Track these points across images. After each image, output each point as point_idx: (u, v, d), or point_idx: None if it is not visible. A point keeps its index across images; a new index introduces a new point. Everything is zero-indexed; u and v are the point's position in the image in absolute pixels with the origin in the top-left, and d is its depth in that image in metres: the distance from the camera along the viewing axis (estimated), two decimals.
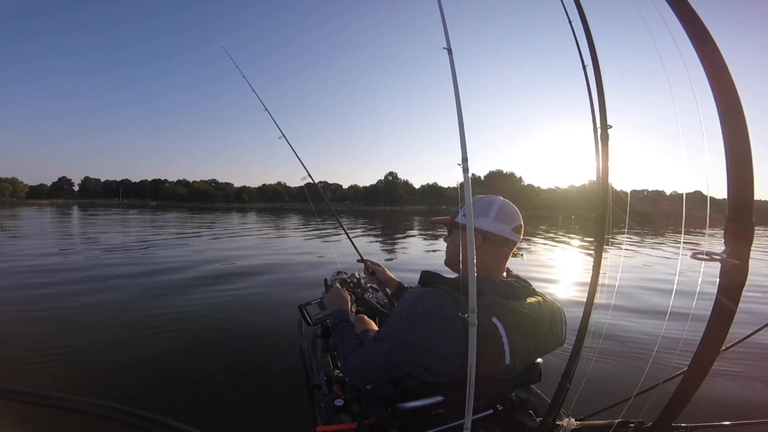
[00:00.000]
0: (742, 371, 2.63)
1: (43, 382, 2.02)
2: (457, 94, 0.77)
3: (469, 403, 0.68)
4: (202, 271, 5.35)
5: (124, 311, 3.35)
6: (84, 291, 4.05)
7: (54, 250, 7.29)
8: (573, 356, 0.94)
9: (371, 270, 1.64)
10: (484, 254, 1.02)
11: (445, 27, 0.85)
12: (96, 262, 6.09)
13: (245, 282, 4.71)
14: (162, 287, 4.28)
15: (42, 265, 5.58)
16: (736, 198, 0.52)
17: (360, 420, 1.08)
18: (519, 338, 0.91)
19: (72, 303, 3.57)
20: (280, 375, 2.20)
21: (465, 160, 0.73)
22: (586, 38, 0.89)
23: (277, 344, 2.66)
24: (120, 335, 2.73)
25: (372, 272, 1.63)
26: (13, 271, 5.13)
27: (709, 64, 0.50)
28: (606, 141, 0.86)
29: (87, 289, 4.12)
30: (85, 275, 4.89)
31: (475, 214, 1.02)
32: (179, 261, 6.24)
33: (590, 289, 0.91)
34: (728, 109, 0.50)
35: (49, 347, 2.46)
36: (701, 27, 0.51)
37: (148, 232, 12.20)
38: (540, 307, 1.01)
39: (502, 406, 1.09)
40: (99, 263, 5.93)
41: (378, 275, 1.62)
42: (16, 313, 3.25)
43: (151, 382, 2.07)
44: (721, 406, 2.11)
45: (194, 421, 1.72)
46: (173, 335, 2.76)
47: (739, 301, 0.53)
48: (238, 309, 3.52)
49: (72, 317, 3.13)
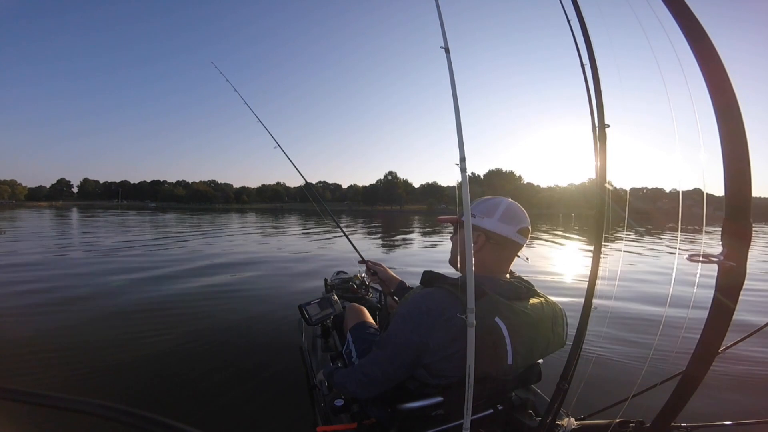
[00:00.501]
0: (741, 371, 2.63)
1: (42, 382, 2.03)
2: (454, 93, 0.77)
3: (468, 403, 0.68)
4: (200, 272, 5.36)
5: (123, 311, 3.36)
6: (82, 292, 4.06)
7: (51, 251, 7.30)
8: (572, 356, 0.94)
9: (373, 270, 1.65)
10: (487, 254, 1.02)
11: (443, 26, 0.85)
12: (94, 261, 6.10)
13: (245, 281, 4.72)
14: (161, 285, 4.29)
15: (38, 265, 5.59)
16: (733, 199, 0.52)
17: (360, 420, 1.08)
18: (521, 339, 0.91)
19: (70, 303, 3.57)
20: (280, 375, 2.21)
21: (463, 160, 0.73)
22: (584, 37, 0.89)
23: (277, 344, 2.66)
24: (119, 335, 2.74)
25: (374, 272, 1.65)
26: (8, 271, 5.14)
27: (705, 63, 0.50)
28: (604, 140, 0.86)
29: (85, 290, 4.13)
30: (81, 274, 4.90)
31: (482, 214, 1.03)
32: (176, 261, 6.25)
33: (588, 289, 0.91)
34: (725, 108, 0.50)
35: (46, 347, 2.47)
36: (697, 26, 0.51)
37: (147, 234, 12.21)
38: (542, 308, 1.01)
39: (501, 405, 1.09)
40: (97, 263, 5.94)
41: (380, 274, 1.64)
42: (15, 314, 3.25)
43: (151, 382, 2.08)
44: (721, 406, 2.10)
45: (194, 421, 1.73)
46: (172, 335, 2.76)
47: (737, 301, 0.53)
48: (238, 309, 3.52)
49: (71, 317, 3.13)
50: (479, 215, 1.03)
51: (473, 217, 1.02)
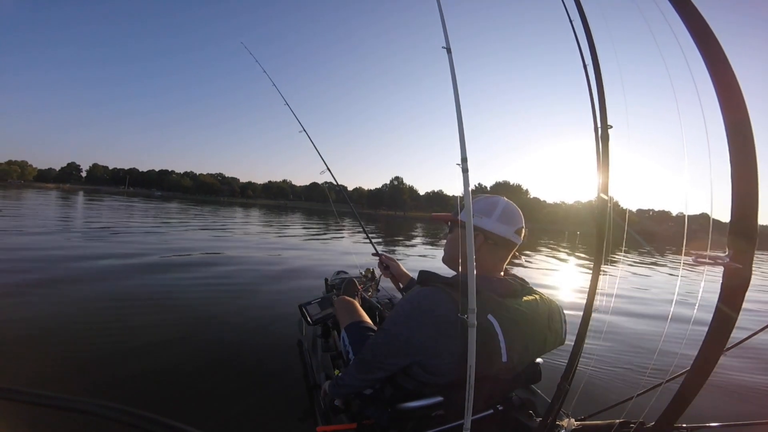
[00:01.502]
0: (743, 372, 2.63)
1: (41, 382, 2.02)
2: (456, 94, 0.77)
3: (469, 403, 0.68)
4: (199, 266, 5.34)
5: (119, 305, 3.34)
6: (75, 279, 4.03)
7: (45, 234, 7.14)
8: (573, 357, 0.94)
9: (386, 264, 1.64)
10: (485, 254, 1.01)
11: (444, 26, 0.85)
12: (83, 245, 5.98)
13: (244, 282, 4.71)
14: (160, 283, 4.27)
15: (26, 248, 5.47)
16: (740, 202, 0.51)
17: (360, 420, 1.08)
18: (515, 336, 0.90)
19: (68, 294, 3.56)
20: (280, 374, 2.21)
21: (464, 160, 0.73)
22: (587, 37, 0.89)
23: (277, 343, 2.66)
24: (117, 332, 2.73)
25: (386, 266, 1.64)
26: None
27: (716, 73, 0.50)
28: (606, 141, 0.86)
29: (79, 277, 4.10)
30: (72, 257, 4.82)
31: (479, 213, 1.02)
32: (171, 252, 6.22)
33: (590, 289, 0.91)
34: (732, 112, 0.50)
35: (41, 343, 2.45)
36: (712, 40, 0.50)
37: (148, 221, 12.13)
38: (537, 305, 1.01)
39: (501, 406, 1.09)
40: (86, 248, 5.84)
41: (392, 269, 1.63)
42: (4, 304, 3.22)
43: (150, 382, 2.07)
44: (722, 407, 2.10)
45: (194, 420, 1.72)
46: (171, 334, 2.75)
47: (741, 304, 0.53)
48: (238, 309, 3.52)
49: (67, 309, 3.11)
50: (477, 214, 1.02)
51: (474, 216, 1.02)
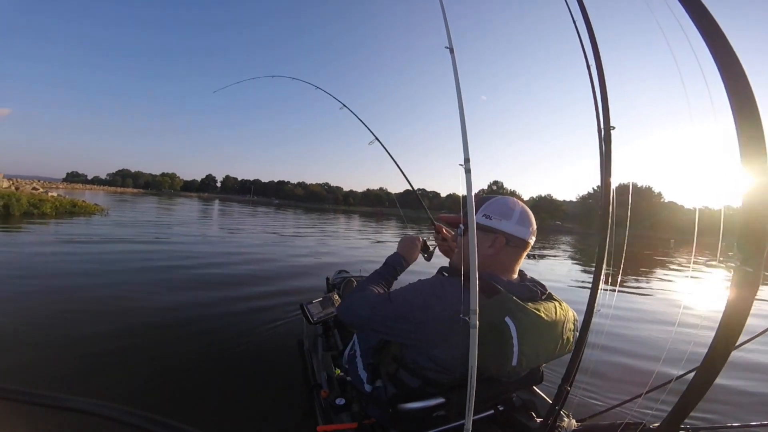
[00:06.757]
0: (747, 373, 2.63)
1: (40, 381, 2.02)
2: (458, 93, 0.76)
3: (470, 404, 0.68)
4: (205, 271, 5.34)
5: (124, 303, 3.34)
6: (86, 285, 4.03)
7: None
8: (574, 358, 0.94)
9: (442, 236, 1.58)
10: (505, 256, 1.02)
11: (447, 26, 0.85)
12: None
13: (245, 281, 4.71)
14: (159, 284, 4.26)
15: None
16: (751, 206, 0.51)
17: (360, 420, 1.08)
18: (530, 341, 0.89)
19: (73, 297, 3.56)
20: (281, 374, 2.20)
21: (467, 161, 0.72)
22: (589, 37, 0.89)
23: (278, 343, 2.66)
24: (117, 330, 2.73)
25: (443, 238, 1.57)
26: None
27: (727, 74, 0.49)
28: (609, 142, 0.85)
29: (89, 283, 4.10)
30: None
31: (498, 216, 1.02)
32: (202, 259, 6.21)
33: (592, 290, 0.90)
34: (743, 108, 0.49)
35: (56, 342, 2.45)
36: (722, 39, 0.50)
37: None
38: (556, 312, 1.00)
39: (503, 406, 1.09)
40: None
41: (449, 242, 1.57)
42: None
43: (150, 382, 2.07)
44: (724, 408, 2.10)
45: (194, 420, 1.72)
46: (171, 333, 2.75)
47: (750, 307, 0.53)
48: (238, 308, 3.52)
49: (81, 307, 3.11)
50: (495, 217, 1.01)
51: (488, 218, 1.01)
